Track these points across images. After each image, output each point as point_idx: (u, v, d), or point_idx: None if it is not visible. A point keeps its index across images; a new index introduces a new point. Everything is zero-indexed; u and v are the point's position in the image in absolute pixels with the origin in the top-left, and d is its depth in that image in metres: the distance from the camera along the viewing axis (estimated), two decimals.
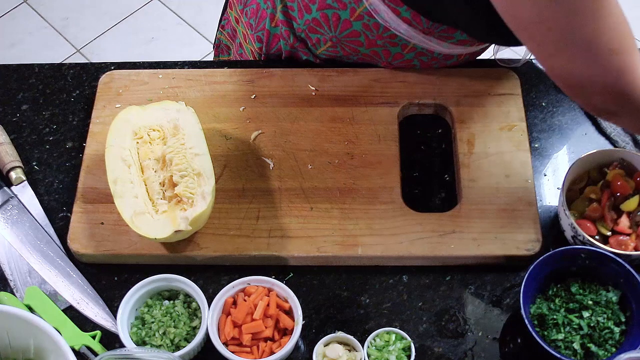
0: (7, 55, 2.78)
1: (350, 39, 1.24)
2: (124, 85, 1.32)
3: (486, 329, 1.10)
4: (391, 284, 1.15)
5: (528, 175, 1.20)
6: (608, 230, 1.11)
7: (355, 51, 1.27)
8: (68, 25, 2.88)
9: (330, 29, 1.23)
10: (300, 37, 1.30)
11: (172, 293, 1.12)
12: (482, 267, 1.15)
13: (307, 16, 1.24)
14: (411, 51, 1.24)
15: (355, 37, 1.23)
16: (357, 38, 1.23)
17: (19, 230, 1.20)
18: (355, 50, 1.27)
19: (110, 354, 0.99)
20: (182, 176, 1.14)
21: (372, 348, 1.07)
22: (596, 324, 1.04)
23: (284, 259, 1.15)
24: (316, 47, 1.30)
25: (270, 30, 1.32)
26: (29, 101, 1.35)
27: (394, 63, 1.28)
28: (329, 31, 1.23)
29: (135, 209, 1.12)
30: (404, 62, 1.28)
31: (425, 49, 1.22)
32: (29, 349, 0.98)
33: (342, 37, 1.24)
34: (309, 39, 1.29)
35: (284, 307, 1.08)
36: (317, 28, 1.24)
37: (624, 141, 1.26)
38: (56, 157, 1.28)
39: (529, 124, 1.29)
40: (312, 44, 1.30)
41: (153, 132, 1.20)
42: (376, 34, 1.20)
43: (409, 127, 1.31)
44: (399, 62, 1.28)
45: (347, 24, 1.21)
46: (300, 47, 1.32)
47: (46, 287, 1.15)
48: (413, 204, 1.21)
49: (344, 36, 1.23)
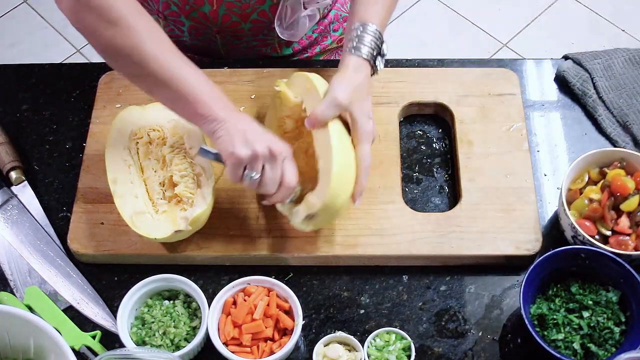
0: (7, 55, 2.77)
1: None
2: (124, 85, 1.32)
3: (486, 329, 1.10)
4: (391, 284, 1.15)
5: (528, 175, 1.20)
6: (608, 230, 1.11)
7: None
8: (68, 25, 2.85)
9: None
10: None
11: (172, 293, 1.12)
12: (482, 267, 1.15)
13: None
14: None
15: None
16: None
17: (19, 230, 1.20)
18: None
19: (110, 354, 0.99)
20: (182, 176, 1.14)
21: (372, 348, 1.07)
22: (596, 324, 1.04)
23: (284, 259, 1.15)
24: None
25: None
26: (29, 101, 1.35)
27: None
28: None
29: (135, 209, 1.12)
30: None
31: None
32: (29, 349, 0.98)
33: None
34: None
35: (284, 307, 1.08)
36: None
37: (624, 141, 1.26)
38: (56, 157, 1.28)
39: (529, 124, 1.29)
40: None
41: (153, 132, 1.20)
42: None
43: (409, 127, 1.31)
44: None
45: None
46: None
47: (46, 287, 1.15)
48: (413, 204, 1.21)
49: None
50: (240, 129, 1.04)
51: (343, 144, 1.09)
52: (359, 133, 1.10)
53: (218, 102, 1.06)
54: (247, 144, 1.03)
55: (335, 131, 1.09)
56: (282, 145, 1.06)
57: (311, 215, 1.07)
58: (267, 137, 1.06)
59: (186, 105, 1.06)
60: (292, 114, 1.18)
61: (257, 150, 1.03)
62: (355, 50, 1.12)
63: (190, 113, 1.07)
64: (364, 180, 1.10)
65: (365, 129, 1.10)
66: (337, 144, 1.07)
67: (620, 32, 2.80)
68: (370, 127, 1.11)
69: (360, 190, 1.10)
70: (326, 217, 1.09)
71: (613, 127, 1.28)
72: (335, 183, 1.05)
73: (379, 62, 1.15)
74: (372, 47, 1.13)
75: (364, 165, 1.09)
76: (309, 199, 1.07)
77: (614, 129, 1.28)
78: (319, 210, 1.06)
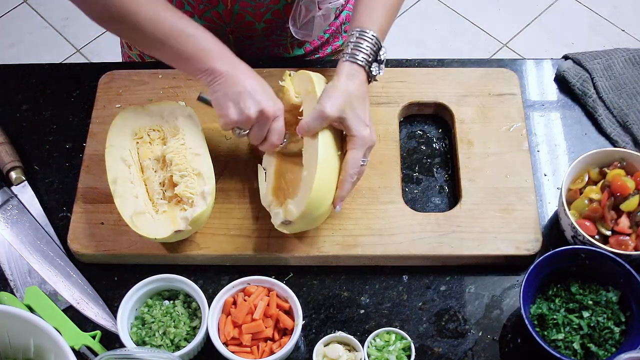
0: (7, 55, 2.78)
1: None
2: (124, 85, 1.32)
3: (486, 329, 1.10)
4: (391, 284, 1.15)
5: (528, 175, 1.20)
6: (608, 230, 1.11)
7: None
8: (68, 25, 2.88)
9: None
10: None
11: (172, 293, 1.12)
12: (482, 267, 1.15)
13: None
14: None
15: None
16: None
17: (19, 230, 1.20)
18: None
19: (110, 354, 0.99)
20: (182, 176, 1.14)
21: (372, 348, 1.07)
22: (596, 324, 1.04)
23: (284, 259, 1.15)
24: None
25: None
26: (29, 101, 1.35)
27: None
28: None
29: (135, 209, 1.12)
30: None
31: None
32: (29, 349, 0.98)
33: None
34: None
35: (284, 307, 1.08)
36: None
37: (624, 141, 1.26)
38: (56, 157, 1.28)
39: (529, 124, 1.29)
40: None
41: (153, 132, 1.20)
42: None
43: (409, 127, 1.31)
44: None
45: None
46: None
47: (46, 287, 1.15)
48: (413, 204, 1.21)
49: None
50: (235, 88, 1.07)
51: (329, 159, 1.09)
52: (354, 140, 1.09)
53: (214, 54, 1.09)
54: (238, 107, 1.07)
55: (324, 144, 1.09)
56: (273, 106, 1.09)
57: (288, 221, 1.08)
58: (260, 96, 1.08)
59: (183, 62, 1.10)
60: (291, 110, 1.18)
61: (248, 114, 1.07)
62: (349, 57, 1.12)
63: (188, 69, 1.11)
64: (347, 186, 1.09)
65: (360, 135, 1.09)
66: (323, 158, 1.07)
67: (620, 32, 2.80)
68: (367, 133, 1.10)
69: (341, 196, 1.10)
70: (303, 225, 1.11)
71: (613, 127, 1.28)
72: (314, 196, 1.06)
73: (374, 68, 1.14)
74: (369, 53, 1.12)
75: (349, 172, 1.09)
76: (289, 206, 1.08)
77: (614, 129, 1.28)
78: (295, 219, 1.07)
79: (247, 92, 1.07)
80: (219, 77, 1.08)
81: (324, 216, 1.12)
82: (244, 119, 1.07)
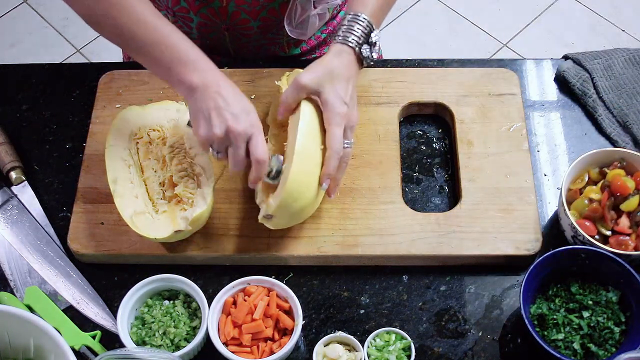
0: (7, 55, 2.78)
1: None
2: (124, 85, 1.32)
3: (486, 329, 1.10)
4: (391, 284, 1.15)
5: (528, 175, 1.20)
6: (608, 230, 1.11)
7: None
8: (68, 25, 2.88)
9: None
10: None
11: (172, 293, 1.12)
12: (482, 267, 1.15)
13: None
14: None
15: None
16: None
17: (19, 230, 1.20)
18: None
19: (110, 354, 0.99)
20: (182, 176, 1.14)
21: (372, 348, 1.07)
22: (596, 324, 1.04)
23: (284, 259, 1.15)
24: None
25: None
26: (29, 101, 1.35)
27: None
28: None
29: (135, 209, 1.12)
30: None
31: None
32: (29, 349, 0.98)
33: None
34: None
35: (284, 307, 1.08)
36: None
37: (624, 141, 1.26)
38: (56, 157, 1.28)
39: (529, 124, 1.29)
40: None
41: (153, 132, 1.20)
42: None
43: (409, 127, 1.31)
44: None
45: None
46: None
47: (46, 287, 1.15)
48: (413, 204, 1.21)
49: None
50: (208, 104, 1.03)
51: (308, 151, 1.07)
52: (329, 115, 1.08)
53: (189, 65, 1.05)
54: (207, 124, 1.03)
55: (302, 136, 1.07)
56: (245, 124, 1.03)
57: (270, 215, 1.08)
58: (228, 114, 1.03)
59: (162, 72, 1.09)
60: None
61: (215, 133, 1.03)
62: (339, 38, 1.12)
63: (168, 79, 1.09)
64: (333, 165, 1.07)
65: (336, 111, 1.08)
66: (300, 150, 1.06)
67: (620, 32, 2.80)
68: (343, 110, 1.08)
69: (327, 173, 1.07)
70: (284, 219, 1.10)
71: (613, 127, 1.28)
72: (290, 187, 1.05)
73: (365, 50, 1.13)
74: (359, 35, 1.12)
75: (334, 149, 1.07)
76: (269, 199, 1.08)
77: (614, 129, 1.28)
78: (274, 211, 1.07)
79: (217, 107, 1.03)
80: (194, 92, 1.05)
81: (307, 210, 1.10)
82: (211, 136, 1.03)
